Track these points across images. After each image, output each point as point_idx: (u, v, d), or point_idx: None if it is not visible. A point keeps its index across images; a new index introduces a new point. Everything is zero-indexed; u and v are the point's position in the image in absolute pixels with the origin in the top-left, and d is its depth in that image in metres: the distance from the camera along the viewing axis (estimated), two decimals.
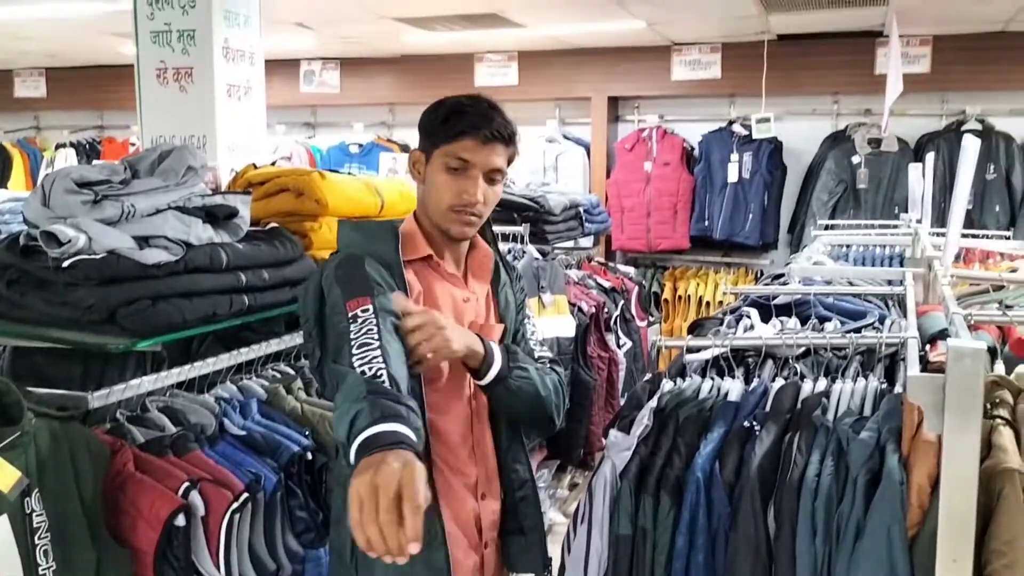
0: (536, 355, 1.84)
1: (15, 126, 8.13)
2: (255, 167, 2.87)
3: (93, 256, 1.87)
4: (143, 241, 1.99)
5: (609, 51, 6.41)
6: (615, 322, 4.40)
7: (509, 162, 1.75)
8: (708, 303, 6.22)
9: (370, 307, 1.52)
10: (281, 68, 6.89)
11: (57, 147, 7.59)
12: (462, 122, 1.65)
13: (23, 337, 1.91)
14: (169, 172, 2.10)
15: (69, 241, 1.84)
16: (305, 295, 1.65)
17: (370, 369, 1.43)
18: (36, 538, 1.55)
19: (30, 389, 1.73)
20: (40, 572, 1.55)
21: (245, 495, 1.84)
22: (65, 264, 1.85)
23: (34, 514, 1.55)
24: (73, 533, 1.62)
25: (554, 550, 1.83)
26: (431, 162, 1.69)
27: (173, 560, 1.73)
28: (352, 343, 1.47)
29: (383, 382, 1.40)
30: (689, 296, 6.34)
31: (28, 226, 1.96)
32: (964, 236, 3.90)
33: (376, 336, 1.47)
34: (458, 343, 1.61)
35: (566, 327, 3.90)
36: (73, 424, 1.69)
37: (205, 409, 2.08)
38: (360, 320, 1.50)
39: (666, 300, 6.45)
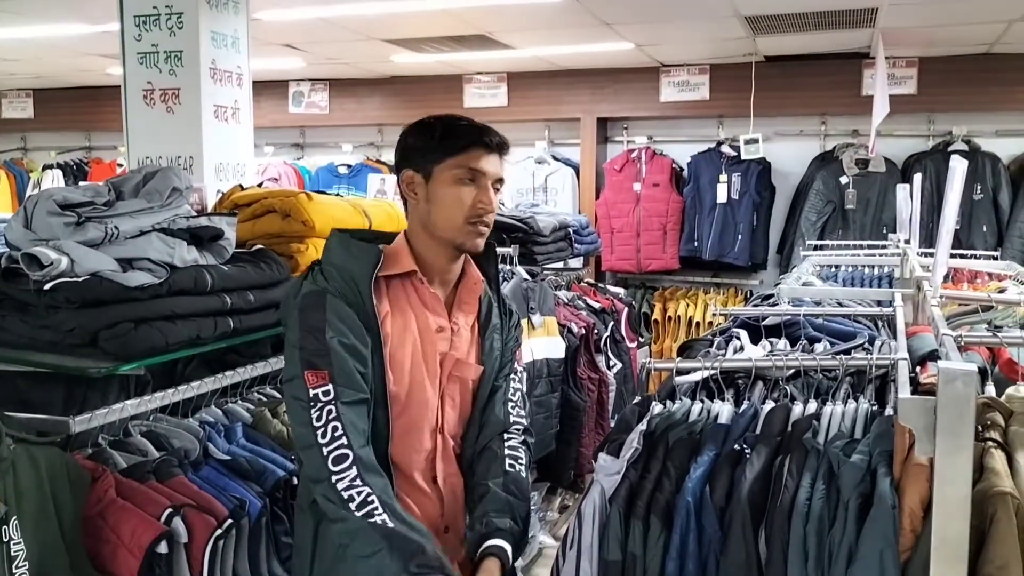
0: (511, 421, 1.78)
1: (2, 147, 8.10)
2: (242, 188, 2.85)
3: (75, 279, 1.85)
4: (126, 263, 1.97)
5: (598, 72, 6.45)
6: (605, 343, 4.38)
7: None
8: (698, 324, 6.21)
9: (330, 389, 1.55)
10: (269, 89, 6.90)
11: (44, 168, 7.55)
12: (466, 135, 1.66)
13: (3, 361, 1.88)
14: (154, 193, 2.09)
15: (51, 263, 1.82)
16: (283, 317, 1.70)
17: (358, 494, 1.52)
18: (14, 567, 1.52)
19: (9, 414, 1.70)
20: None
21: (229, 521, 1.81)
22: (47, 287, 1.82)
23: (12, 542, 1.52)
24: (52, 562, 1.58)
25: (543, 574, 1.80)
26: (434, 179, 1.67)
27: None
28: (321, 447, 1.54)
29: (375, 508, 1.51)
30: (679, 317, 6.34)
31: (10, 248, 1.93)
32: (952, 256, 3.92)
33: (342, 434, 1.54)
34: None
35: (556, 348, 3.88)
36: (53, 449, 1.66)
37: (189, 433, 2.05)
38: (321, 405, 1.55)
39: (656, 321, 6.45)
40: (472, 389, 1.77)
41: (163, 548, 1.70)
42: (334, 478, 1.53)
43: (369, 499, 1.52)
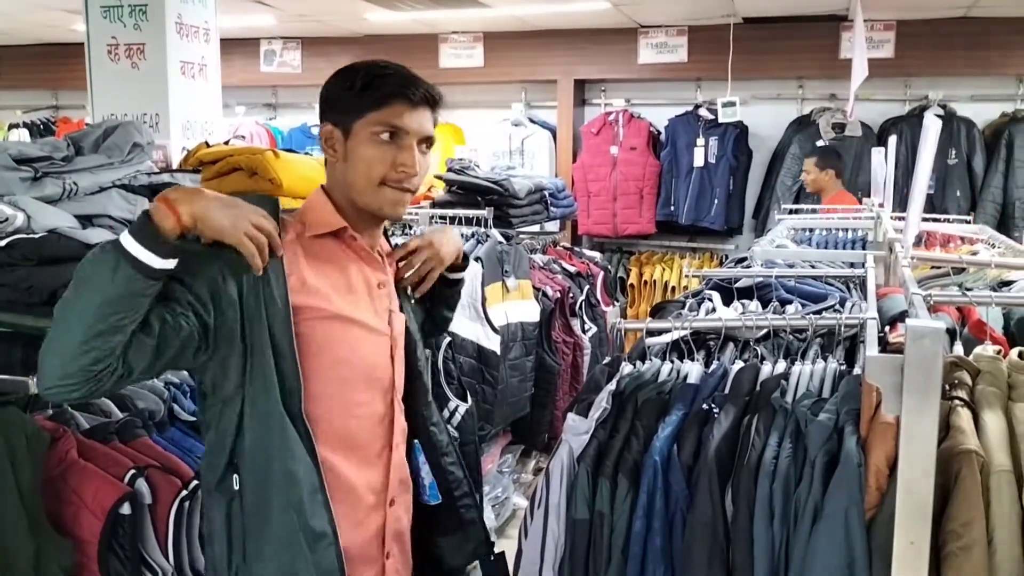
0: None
1: None
2: (207, 145, 2.79)
3: (32, 235, 1.80)
4: (86, 220, 1.93)
5: (576, 33, 6.37)
6: (580, 307, 4.37)
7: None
8: (673, 288, 6.22)
9: None
10: (240, 47, 6.76)
11: (10, 127, 7.39)
12: (387, 85, 1.49)
13: None
14: (114, 149, 2.03)
15: (6, 219, 1.77)
16: None
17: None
18: None
19: None
20: None
21: (195, 483, 1.79)
22: (2, 243, 1.77)
23: None
24: (10, 523, 1.56)
25: (516, 534, 1.80)
26: (353, 135, 1.50)
27: (119, 550, 1.68)
28: None
29: None
30: (655, 281, 6.35)
31: None
32: (925, 220, 3.93)
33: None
34: (451, 253, 1.73)
35: (530, 312, 3.87)
36: (9, 409, 1.63)
37: (153, 394, 2.02)
38: None
39: (632, 285, 6.45)
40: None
41: (126, 509, 1.68)
42: None
43: None
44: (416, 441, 1.70)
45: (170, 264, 1.34)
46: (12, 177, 1.85)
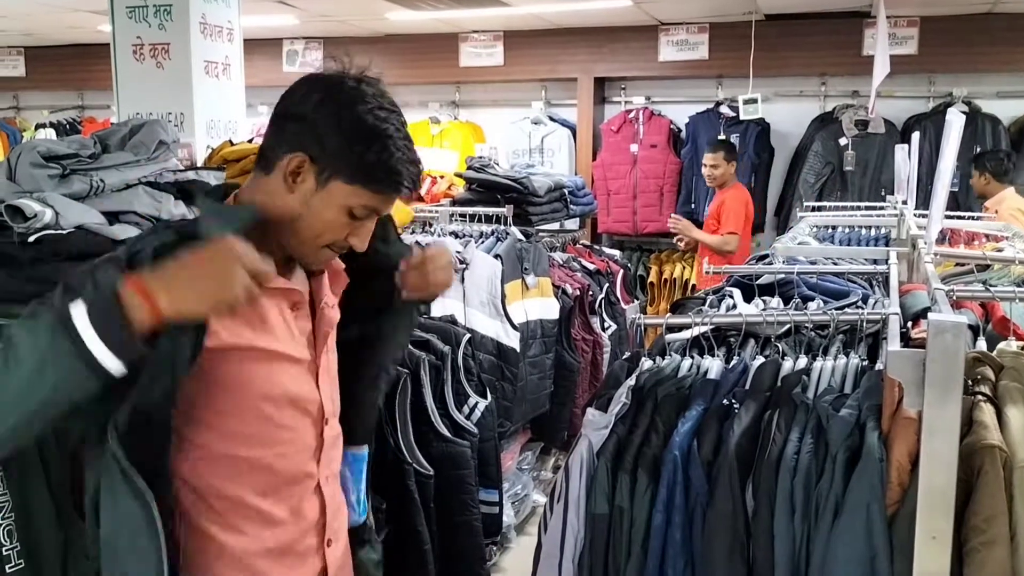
0: None
1: None
2: (231, 144, 2.82)
3: (60, 231, 1.82)
4: (112, 217, 1.95)
5: (596, 31, 6.36)
6: (600, 305, 4.37)
7: None
8: (694, 286, 6.19)
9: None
10: (263, 47, 6.81)
11: (37, 127, 7.49)
12: (394, 174, 1.31)
13: None
14: (140, 146, 2.06)
15: (35, 215, 1.79)
16: None
17: None
18: (0, 518, 1.52)
19: None
20: (3, 553, 1.52)
21: None
22: (31, 239, 1.79)
23: None
24: (38, 513, 1.58)
25: (536, 531, 1.80)
26: (327, 191, 1.30)
27: None
28: None
29: None
30: (675, 279, 6.33)
31: None
32: (949, 217, 3.89)
33: None
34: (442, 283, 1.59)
35: (550, 309, 3.87)
36: None
37: None
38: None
39: (652, 283, 6.44)
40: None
41: None
42: None
43: None
44: (347, 451, 1.58)
45: (124, 369, 1.10)
46: (41, 174, 1.87)
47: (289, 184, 1.31)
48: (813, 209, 4.99)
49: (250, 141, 3.12)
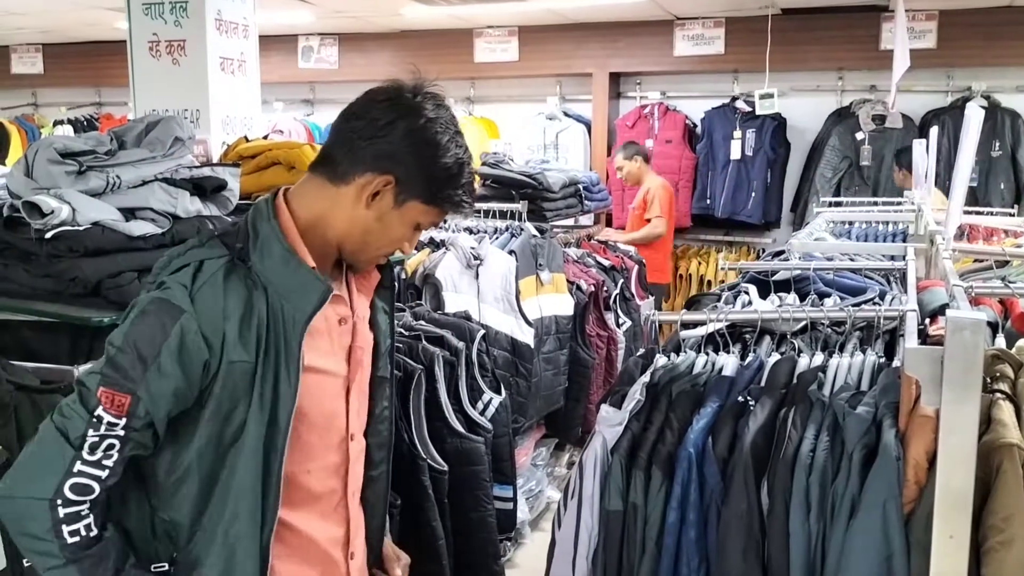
0: None
1: (12, 103, 8.09)
2: (247, 140, 2.83)
3: (77, 227, 1.84)
4: (129, 213, 1.96)
5: (611, 26, 6.34)
6: (614, 301, 4.36)
7: None
8: (709, 282, 6.18)
9: (120, 422, 1.25)
10: (278, 44, 6.83)
11: (55, 124, 7.56)
12: (466, 197, 1.42)
13: (6, 310, 1.88)
14: (156, 143, 2.06)
15: (52, 212, 1.80)
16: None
17: (86, 529, 1.27)
18: None
19: (14, 363, 1.70)
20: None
21: None
22: (48, 235, 1.81)
23: None
24: None
25: (550, 527, 1.80)
26: (403, 207, 1.37)
27: None
28: (83, 452, 1.25)
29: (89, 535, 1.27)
30: (690, 275, 6.31)
31: (11, 197, 1.92)
32: (968, 212, 3.86)
33: (107, 471, 1.26)
34: None
35: (564, 305, 3.87)
36: (55, 397, 1.66)
37: None
38: (102, 431, 1.25)
39: None
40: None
41: None
42: (59, 504, 1.25)
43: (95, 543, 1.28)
44: None
45: None
46: (58, 171, 1.88)
47: (367, 201, 1.36)
48: (830, 204, 4.96)
49: (265, 137, 3.13)
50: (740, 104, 6.16)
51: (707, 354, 1.86)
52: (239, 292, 1.31)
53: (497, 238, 3.73)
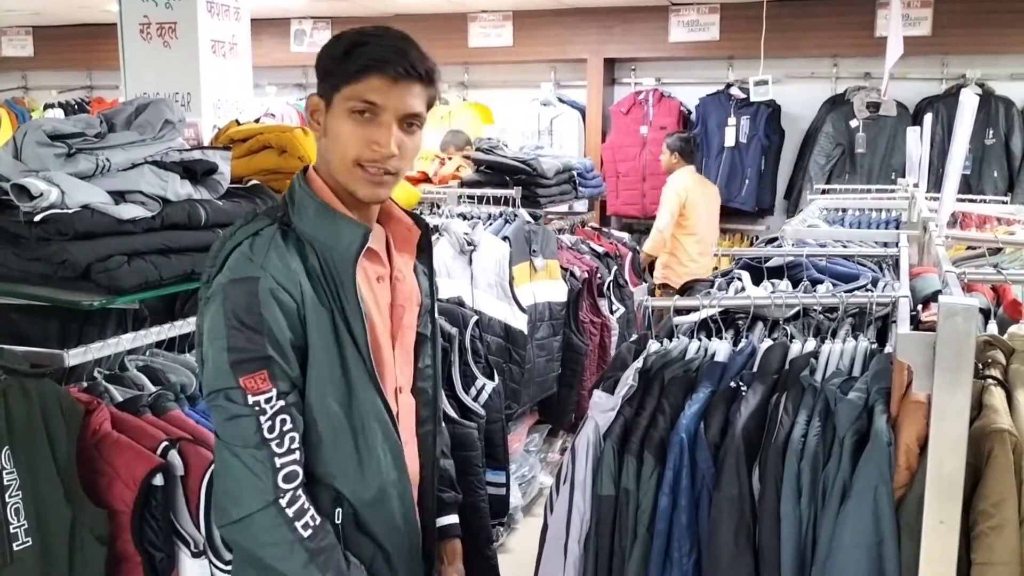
0: None
1: (3, 86, 8.04)
2: (238, 124, 2.81)
3: (66, 210, 1.82)
4: (118, 196, 1.94)
5: (606, 11, 6.31)
6: (608, 287, 4.36)
7: (429, 106, 1.47)
8: None
9: (272, 393, 1.34)
10: (271, 27, 6.79)
11: (45, 107, 7.50)
12: (367, 55, 1.36)
13: None
14: (146, 126, 2.05)
15: (40, 194, 1.79)
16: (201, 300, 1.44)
17: (313, 520, 1.37)
18: (6, 496, 1.52)
19: (3, 347, 1.69)
20: (11, 531, 1.53)
21: None
22: (37, 218, 1.80)
23: (3, 472, 1.52)
24: (46, 492, 1.59)
25: (542, 512, 1.80)
26: (332, 108, 1.40)
27: (151, 520, 1.71)
28: (271, 445, 1.34)
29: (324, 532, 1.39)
30: None
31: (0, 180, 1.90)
32: (961, 200, 3.86)
33: (296, 446, 1.36)
34: None
35: (558, 292, 3.87)
36: (45, 381, 1.65)
37: (186, 368, 2.04)
38: (268, 414, 1.34)
39: None
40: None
41: (159, 480, 1.70)
42: (283, 500, 1.35)
43: (324, 530, 1.39)
44: None
45: None
46: (47, 153, 1.87)
47: (315, 126, 1.44)
48: (823, 191, 4.96)
49: (257, 121, 3.11)
50: (735, 91, 6.15)
51: (700, 340, 1.86)
52: (295, 250, 1.40)
53: (491, 224, 3.72)
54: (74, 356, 1.74)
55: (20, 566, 1.54)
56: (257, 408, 1.33)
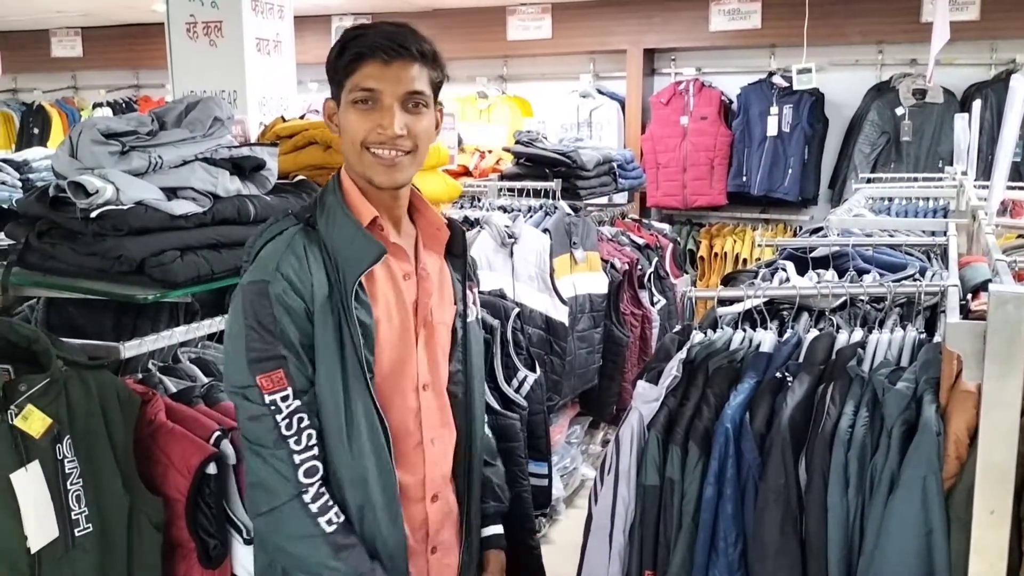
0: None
1: (53, 86, 8.22)
2: (284, 120, 2.85)
3: (121, 207, 1.88)
4: (170, 192, 1.99)
5: (645, 1, 6.27)
6: (649, 279, 4.35)
7: (436, 88, 1.49)
8: (745, 260, 6.12)
9: (288, 392, 1.40)
10: (313, 25, 6.85)
11: (94, 106, 7.66)
12: (358, 45, 1.42)
13: (53, 288, 1.92)
14: (195, 123, 2.09)
15: (96, 191, 1.84)
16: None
17: (336, 516, 1.43)
18: (68, 483, 1.57)
19: (62, 339, 1.75)
20: (73, 517, 1.58)
21: None
22: (93, 215, 1.85)
23: (65, 460, 1.57)
24: (105, 479, 1.64)
25: (585, 504, 1.81)
26: (342, 106, 1.47)
27: (205, 508, 1.75)
28: (289, 443, 1.40)
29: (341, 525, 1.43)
30: (726, 254, 6.25)
31: (57, 177, 1.96)
32: (1011, 188, 3.78)
33: (313, 443, 1.42)
34: None
35: (598, 284, 3.87)
36: (104, 372, 1.70)
37: None
38: (284, 412, 1.40)
39: (702, 258, 6.37)
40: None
41: (212, 469, 1.74)
42: (306, 495, 1.41)
43: (348, 527, 1.45)
44: None
45: None
46: (101, 151, 1.92)
47: (334, 129, 1.51)
48: (868, 180, 4.88)
49: (301, 117, 3.15)
50: (777, 79, 6.07)
51: (744, 330, 1.85)
52: (317, 250, 1.45)
53: (531, 216, 3.74)
54: (130, 348, 1.80)
55: (81, 551, 1.59)
56: (273, 407, 1.39)
